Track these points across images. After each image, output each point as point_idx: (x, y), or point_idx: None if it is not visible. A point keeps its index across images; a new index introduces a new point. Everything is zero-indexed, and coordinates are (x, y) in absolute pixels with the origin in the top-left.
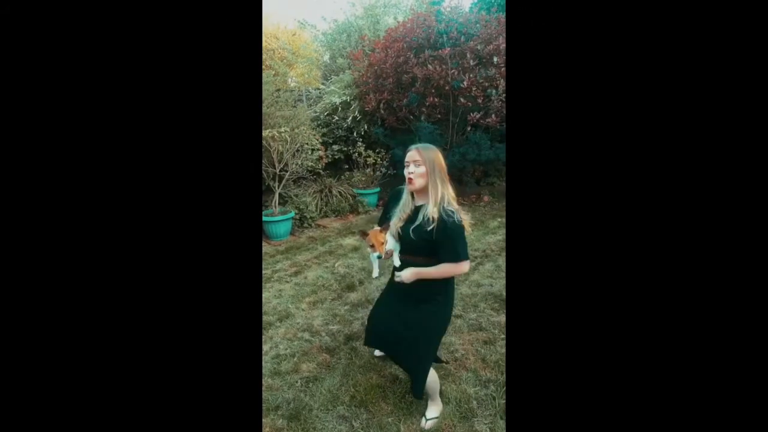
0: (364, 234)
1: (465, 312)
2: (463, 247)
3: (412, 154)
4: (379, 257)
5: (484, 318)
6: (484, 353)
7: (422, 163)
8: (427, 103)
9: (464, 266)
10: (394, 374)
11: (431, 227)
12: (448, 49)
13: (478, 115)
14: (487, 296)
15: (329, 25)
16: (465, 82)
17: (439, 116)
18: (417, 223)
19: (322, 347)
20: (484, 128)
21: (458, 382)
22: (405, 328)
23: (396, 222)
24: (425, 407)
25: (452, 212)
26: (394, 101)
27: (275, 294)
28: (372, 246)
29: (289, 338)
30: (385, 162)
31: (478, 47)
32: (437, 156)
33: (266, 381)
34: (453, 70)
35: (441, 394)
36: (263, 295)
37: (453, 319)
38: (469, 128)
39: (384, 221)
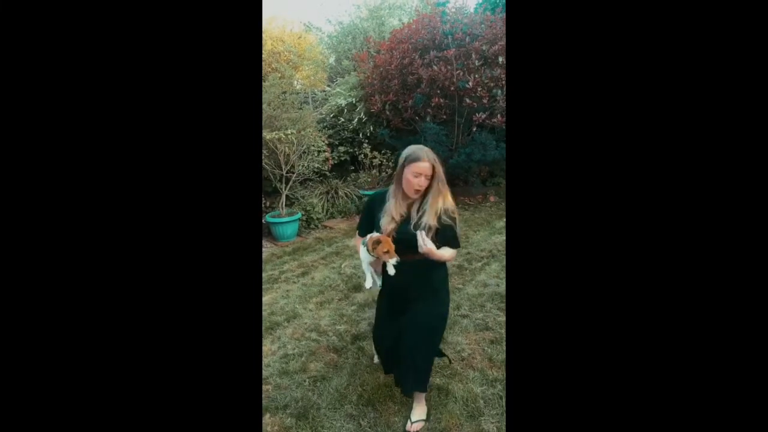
0: (377, 243)
1: (472, 312)
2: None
3: (426, 167)
4: (398, 262)
5: (490, 318)
6: (491, 353)
7: (431, 177)
8: (433, 104)
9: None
10: None
11: (431, 233)
12: (453, 49)
13: (483, 116)
14: (494, 296)
15: (334, 28)
16: (470, 83)
17: (444, 117)
18: (416, 222)
19: (329, 347)
20: (489, 128)
21: (465, 382)
22: (406, 336)
23: (388, 225)
24: (410, 408)
25: (453, 218)
26: (399, 102)
27: (283, 294)
28: (387, 252)
29: (296, 338)
30: (390, 163)
31: (483, 48)
32: (440, 166)
33: (274, 380)
34: (458, 71)
35: (447, 393)
36: (271, 296)
37: (460, 319)
38: (474, 128)
39: (373, 227)
